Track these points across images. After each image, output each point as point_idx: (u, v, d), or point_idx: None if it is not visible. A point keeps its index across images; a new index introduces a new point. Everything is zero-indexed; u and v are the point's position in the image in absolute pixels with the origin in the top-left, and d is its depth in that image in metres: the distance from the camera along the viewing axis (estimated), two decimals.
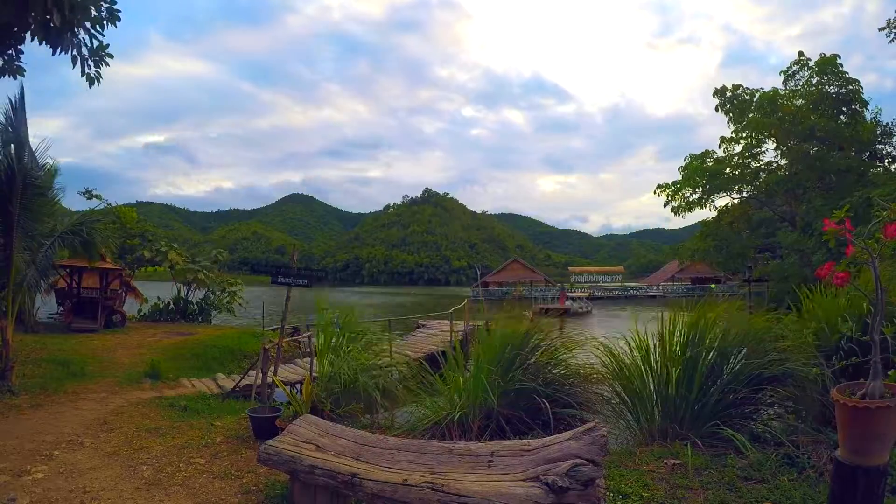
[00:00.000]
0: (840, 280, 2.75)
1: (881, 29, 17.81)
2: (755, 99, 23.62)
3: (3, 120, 7.79)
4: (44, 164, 8.52)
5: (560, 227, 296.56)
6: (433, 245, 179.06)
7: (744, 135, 23.97)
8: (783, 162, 23.90)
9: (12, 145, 7.77)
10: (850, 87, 21.82)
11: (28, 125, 7.97)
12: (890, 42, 17.31)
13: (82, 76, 4.52)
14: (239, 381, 8.47)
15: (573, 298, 42.22)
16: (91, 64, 4.55)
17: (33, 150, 8.20)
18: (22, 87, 7.74)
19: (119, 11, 4.49)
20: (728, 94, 24.46)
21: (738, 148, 24.42)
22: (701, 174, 24.07)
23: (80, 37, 4.33)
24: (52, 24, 3.84)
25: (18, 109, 7.80)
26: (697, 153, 25.16)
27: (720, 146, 25.18)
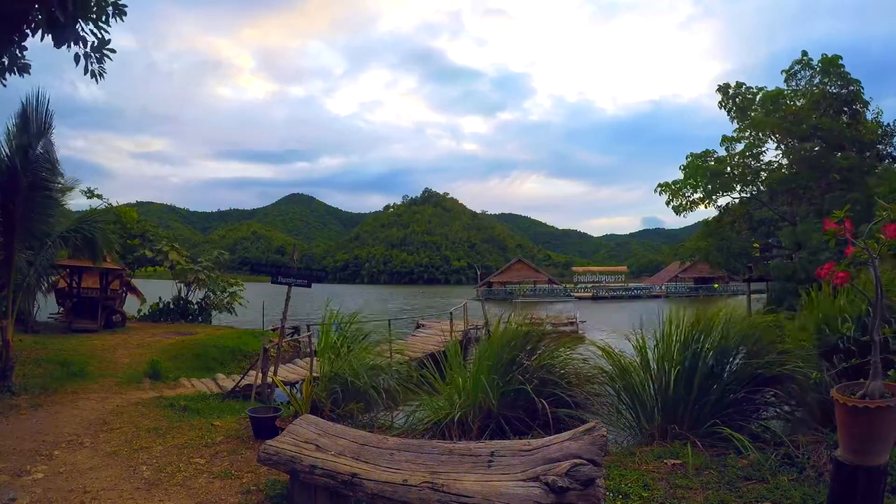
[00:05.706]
0: (839, 280, 2.75)
1: None
2: (758, 98, 23.64)
3: (16, 121, 7.77)
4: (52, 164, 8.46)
5: (560, 228, 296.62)
6: (433, 245, 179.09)
7: (746, 134, 23.98)
8: (784, 161, 23.90)
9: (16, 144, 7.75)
10: (852, 88, 21.82)
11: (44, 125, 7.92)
12: None
13: (85, 73, 4.48)
14: (239, 381, 8.47)
15: None
16: (94, 59, 4.52)
17: (45, 149, 8.11)
18: (39, 90, 7.75)
19: (125, 6, 4.45)
20: (731, 91, 24.48)
21: (740, 147, 24.43)
22: (702, 173, 24.05)
23: (83, 30, 4.30)
24: (57, 17, 3.81)
25: (30, 109, 7.77)
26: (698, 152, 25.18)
27: (721, 145, 25.18)
